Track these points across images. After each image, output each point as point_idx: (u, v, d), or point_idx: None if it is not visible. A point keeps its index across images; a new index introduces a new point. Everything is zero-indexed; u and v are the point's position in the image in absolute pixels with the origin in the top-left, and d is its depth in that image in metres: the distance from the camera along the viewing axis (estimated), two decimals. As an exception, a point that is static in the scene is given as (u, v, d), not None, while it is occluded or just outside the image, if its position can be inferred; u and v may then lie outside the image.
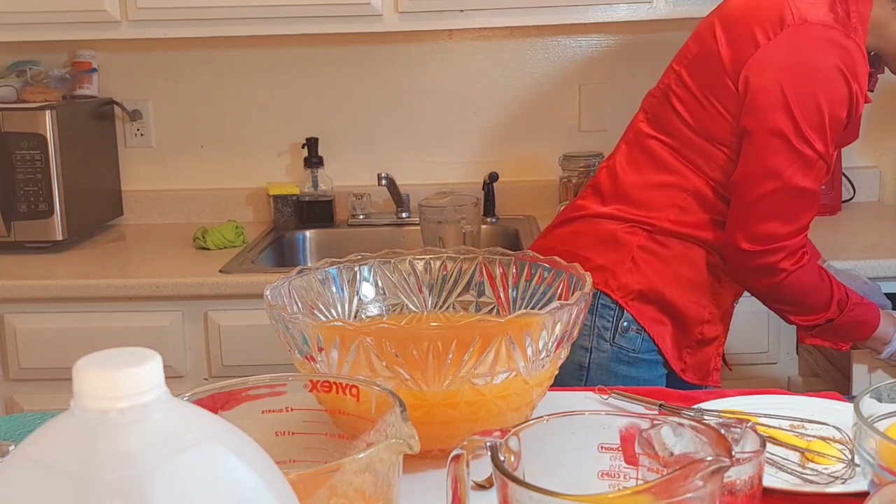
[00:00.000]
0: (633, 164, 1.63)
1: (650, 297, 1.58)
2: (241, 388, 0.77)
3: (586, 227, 1.64)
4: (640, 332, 1.58)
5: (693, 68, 1.59)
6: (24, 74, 2.55)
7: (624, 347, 1.58)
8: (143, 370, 0.46)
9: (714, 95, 1.55)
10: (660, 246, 1.59)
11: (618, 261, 1.59)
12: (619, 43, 2.66)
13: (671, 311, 1.59)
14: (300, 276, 1.10)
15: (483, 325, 0.94)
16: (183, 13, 2.31)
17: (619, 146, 1.69)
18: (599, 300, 1.58)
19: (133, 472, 0.44)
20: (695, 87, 1.57)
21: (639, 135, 1.65)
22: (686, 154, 1.58)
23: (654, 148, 1.62)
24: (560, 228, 1.70)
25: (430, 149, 2.72)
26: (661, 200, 1.59)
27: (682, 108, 1.58)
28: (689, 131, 1.58)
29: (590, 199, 1.67)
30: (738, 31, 1.54)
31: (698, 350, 1.63)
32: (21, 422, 1.09)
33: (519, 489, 0.62)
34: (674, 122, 1.59)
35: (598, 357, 1.58)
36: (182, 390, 0.72)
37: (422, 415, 0.91)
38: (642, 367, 1.59)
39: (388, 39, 2.63)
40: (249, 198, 2.73)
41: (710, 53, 1.56)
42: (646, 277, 1.58)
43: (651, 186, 1.60)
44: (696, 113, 1.57)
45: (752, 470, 0.76)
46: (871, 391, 0.84)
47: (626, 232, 1.60)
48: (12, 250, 2.33)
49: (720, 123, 1.55)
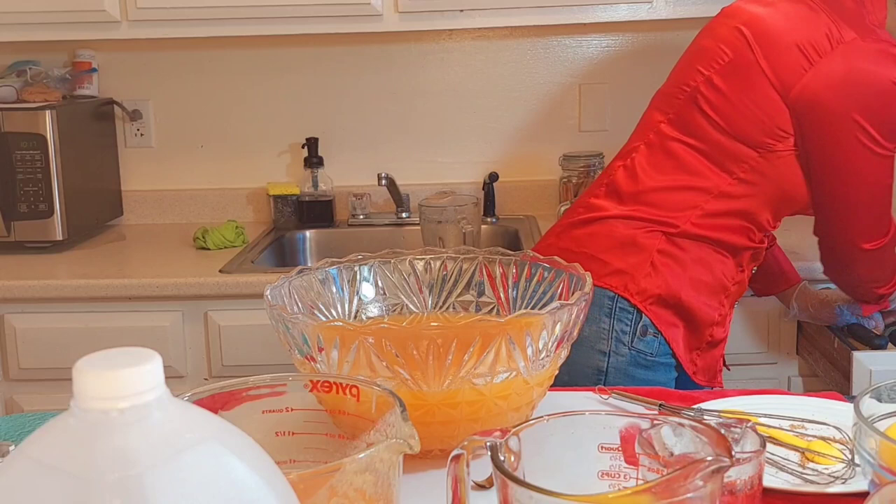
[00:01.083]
0: (656, 166, 1.62)
1: (668, 302, 1.57)
2: (241, 388, 0.77)
3: (604, 228, 1.62)
4: (657, 335, 1.57)
5: (728, 74, 1.59)
6: (24, 74, 2.55)
7: (642, 351, 1.57)
8: (143, 370, 0.46)
9: (753, 102, 1.56)
10: (679, 250, 1.59)
11: (637, 265, 1.57)
12: (619, 43, 2.66)
13: (685, 315, 1.59)
14: (300, 276, 1.10)
15: (483, 325, 0.94)
16: (183, 13, 2.31)
17: (638, 147, 1.67)
18: (617, 304, 1.56)
19: (133, 472, 0.44)
20: (729, 92, 1.58)
21: (661, 136, 1.64)
22: (713, 156, 1.59)
23: (677, 150, 1.61)
24: (576, 229, 1.67)
25: (430, 149, 2.72)
26: (683, 202, 1.59)
27: (711, 110, 1.59)
28: (718, 133, 1.58)
29: (606, 199, 1.65)
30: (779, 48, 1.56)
31: (707, 352, 1.63)
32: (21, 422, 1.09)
33: (519, 489, 0.62)
34: (702, 125, 1.59)
35: (616, 361, 1.56)
36: (182, 390, 0.72)
37: (422, 415, 0.91)
38: (659, 370, 1.58)
39: (388, 39, 2.64)
40: (249, 198, 2.73)
41: (748, 63, 1.57)
42: (664, 282, 1.57)
43: (674, 189, 1.60)
44: (728, 116, 1.57)
45: (752, 470, 0.76)
46: (871, 391, 0.84)
47: (646, 235, 1.59)
48: (12, 250, 2.33)
49: (757, 126, 1.56)
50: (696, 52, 1.67)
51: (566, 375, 1.50)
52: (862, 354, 1.81)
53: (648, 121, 1.69)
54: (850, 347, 1.85)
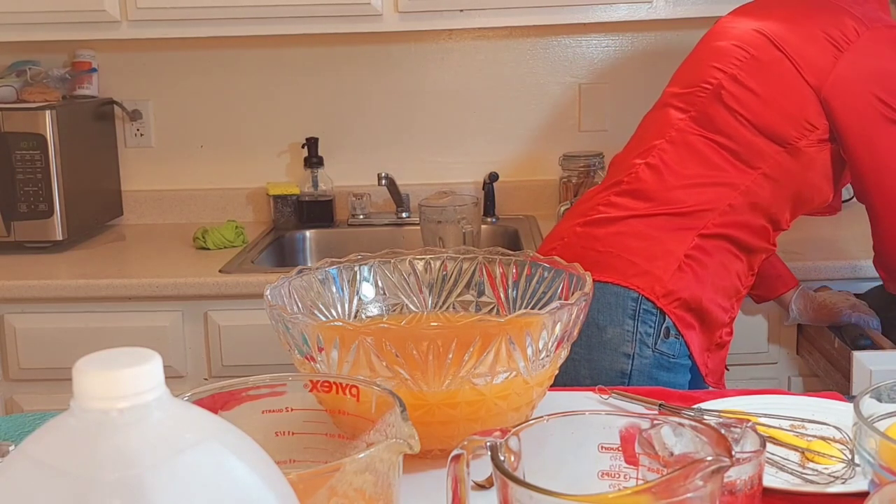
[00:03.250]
0: (681, 163, 1.61)
1: (690, 304, 1.57)
2: (241, 388, 0.77)
3: (630, 228, 1.60)
4: (678, 337, 1.57)
5: (755, 70, 1.60)
6: (24, 74, 2.55)
7: (665, 353, 1.56)
8: (143, 370, 0.46)
9: (783, 95, 1.58)
10: (704, 253, 1.58)
11: (664, 267, 1.56)
12: (618, 43, 2.66)
13: (702, 317, 1.59)
14: (300, 276, 1.10)
15: (483, 325, 0.94)
16: (183, 13, 2.31)
17: (661, 145, 1.64)
18: (641, 305, 1.54)
19: (133, 472, 0.44)
20: (757, 87, 1.59)
21: (683, 133, 1.63)
22: (739, 152, 1.59)
23: (702, 147, 1.61)
24: (598, 228, 1.63)
25: (429, 149, 2.72)
26: (710, 199, 1.58)
27: (738, 106, 1.59)
28: (744, 129, 1.59)
29: (630, 197, 1.63)
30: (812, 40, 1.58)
31: (716, 353, 1.64)
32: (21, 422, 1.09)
33: (519, 489, 0.62)
34: (728, 121, 1.60)
35: (640, 364, 1.54)
36: (182, 390, 0.72)
37: (422, 415, 0.91)
38: (679, 372, 1.58)
39: (388, 39, 2.63)
40: (249, 198, 2.73)
41: (776, 59, 1.59)
42: (689, 285, 1.56)
43: (701, 185, 1.59)
44: (756, 111, 1.58)
45: (752, 470, 0.76)
46: (871, 391, 0.84)
47: (675, 237, 1.58)
48: (12, 250, 2.33)
49: (786, 120, 1.57)
50: (710, 52, 1.67)
51: (589, 379, 1.51)
52: (862, 354, 1.81)
53: (666, 119, 1.67)
54: (850, 347, 1.85)
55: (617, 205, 1.63)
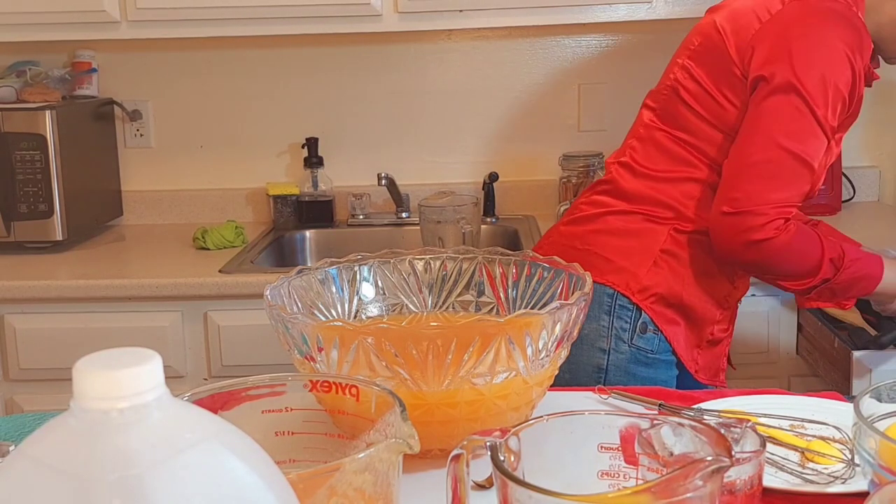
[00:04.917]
0: (649, 160, 1.62)
1: (669, 300, 1.58)
2: (241, 388, 0.77)
3: (607, 225, 1.63)
4: (657, 332, 1.57)
5: (700, 60, 1.59)
6: (23, 74, 2.55)
7: (642, 348, 1.57)
8: (143, 370, 0.46)
9: (726, 87, 1.55)
10: (681, 248, 1.58)
11: (640, 263, 1.57)
12: (618, 43, 2.66)
13: (686, 312, 1.59)
14: (300, 276, 1.10)
15: (483, 325, 0.94)
16: (183, 13, 2.31)
17: (631, 143, 1.67)
18: (617, 301, 1.57)
19: (133, 472, 0.44)
20: (705, 80, 1.57)
21: (649, 130, 1.64)
22: (699, 146, 1.58)
23: (665, 142, 1.61)
24: (579, 226, 1.67)
25: (429, 149, 2.72)
26: (682, 194, 1.59)
27: (692, 100, 1.58)
28: (702, 123, 1.58)
29: (608, 196, 1.65)
30: (742, 22, 1.55)
31: (708, 350, 1.63)
32: (21, 422, 1.09)
33: (519, 489, 0.62)
34: (686, 116, 1.59)
35: (616, 359, 1.56)
36: (182, 390, 0.72)
37: (421, 414, 0.91)
38: (660, 367, 1.58)
39: (387, 39, 2.63)
40: (249, 198, 2.73)
41: (716, 46, 1.56)
42: (666, 280, 1.57)
43: (670, 181, 1.60)
44: (707, 105, 1.57)
45: (752, 470, 0.76)
46: (871, 391, 0.84)
47: (649, 233, 1.59)
48: (12, 250, 2.33)
49: (732, 114, 1.55)
50: (679, 48, 1.67)
51: (567, 374, 1.50)
52: (862, 354, 1.81)
53: (639, 118, 1.69)
54: (850, 347, 1.85)
55: (596, 203, 1.67)
